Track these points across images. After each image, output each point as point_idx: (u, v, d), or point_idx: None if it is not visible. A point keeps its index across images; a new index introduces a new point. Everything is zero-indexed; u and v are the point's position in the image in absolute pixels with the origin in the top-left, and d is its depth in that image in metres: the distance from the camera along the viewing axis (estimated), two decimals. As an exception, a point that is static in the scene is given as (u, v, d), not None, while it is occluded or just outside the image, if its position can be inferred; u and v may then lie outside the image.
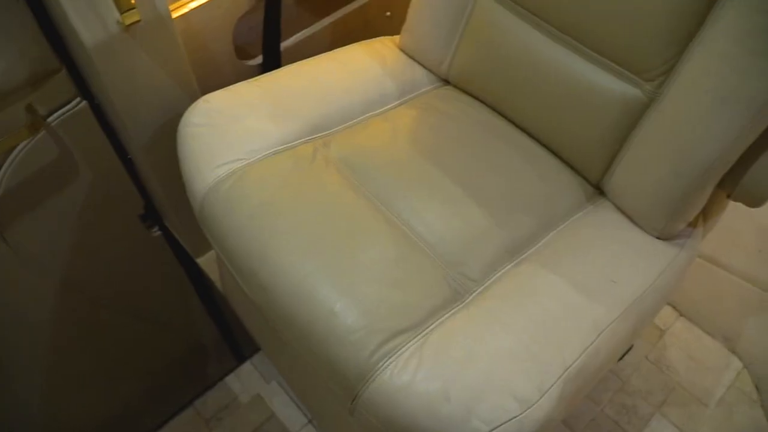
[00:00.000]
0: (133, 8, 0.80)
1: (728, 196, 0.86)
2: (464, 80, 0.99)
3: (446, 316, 0.72)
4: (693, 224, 0.87)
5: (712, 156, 0.74)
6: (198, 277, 1.33)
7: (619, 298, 0.76)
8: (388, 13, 1.29)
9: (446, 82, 1.04)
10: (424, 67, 1.03)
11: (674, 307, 1.23)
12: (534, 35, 0.86)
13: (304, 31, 1.18)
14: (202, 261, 1.20)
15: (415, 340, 0.69)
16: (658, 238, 0.84)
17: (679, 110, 0.76)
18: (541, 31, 0.86)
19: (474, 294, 0.75)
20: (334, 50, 1.04)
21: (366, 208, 0.80)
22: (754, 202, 0.83)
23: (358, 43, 1.06)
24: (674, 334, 1.20)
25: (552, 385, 0.67)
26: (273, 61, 1.09)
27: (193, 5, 0.96)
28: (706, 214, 0.89)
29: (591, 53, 0.82)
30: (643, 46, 0.76)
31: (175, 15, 0.93)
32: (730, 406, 1.14)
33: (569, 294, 0.74)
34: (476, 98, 0.99)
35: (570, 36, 0.83)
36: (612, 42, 0.79)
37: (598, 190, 0.90)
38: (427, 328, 0.70)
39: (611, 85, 0.81)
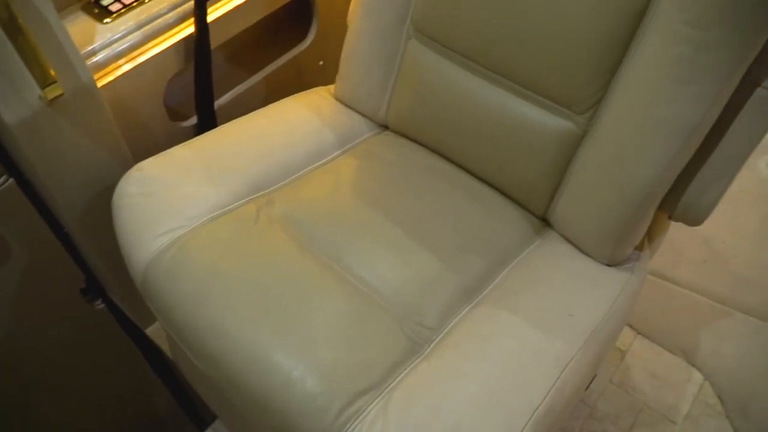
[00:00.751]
0: (55, 82, 0.78)
1: (669, 217, 0.87)
2: (402, 125, 1.00)
3: (407, 370, 0.70)
4: (639, 247, 0.89)
5: (648, 181, 0.76)
6: (148, 347, 1.28)
7: (578, 331, 0.76)
8: (321, 62, 1.29)
9: (385, 127, 1.04)
10: (362, 114, 1.03)
11: (631, 327, 1.25)
12: (464, 76, 0.87)
13: (237, 88, 1.16)
14: (150, 331, 1.15)
15: (378, 400, 0.66)
16: (608, 265, 0.85)
17: (613, 139, 0.78)
18: (471, 72, 0.87)
19: (433, 343, 0.74)
20: (270, 105, 1.03)
21: (315, 265, 0.78)
22: (693, 221, 0.85)
23: (293, 96, 1.05)
24: (635, 353, 1.21)
25: (522, 430, 0.65)
26: (208, 120, 1.07)
27: (119, 72, 0.93)
28: (651, 236, 0.91)
29: (522, 90, 0.83)
30: (571, 80, 0.78)
31: (100, 84, 0.91)
32: (697, 419, 1.15)
33: (528, 332, 0.74)
34: (416, 141, 0.99)
35: (500, 75, 0.84)
36: (540, 78, 0.80)
37: (544, 222, 0.91)
38: (388, 385, 0.68)
39: (545, 120, 0.82)
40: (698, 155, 0.78)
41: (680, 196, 0.83)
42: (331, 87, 1.07)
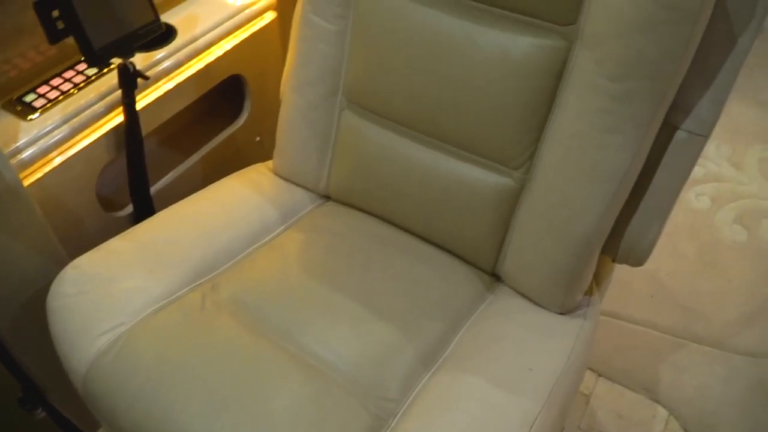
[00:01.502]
0: (-24, 186, 0.74)
1: (613, 260, 0.89)
2: (344, 194, 1.00)
3: (373, 449, 0.67)
4: (589, 292, 0.90)
5: (588, 229, 0.78)
6: (98, 453, 1.19)
7: (541, 385, 0.75)
8: (258, 138, 1.29)
9: (328, 198, 1.04)
10: (303, 187, 1.03)
11: (593, 370, 1.25)
12: (400, 142, 0.89)
13: (173, 172, 1.15)
14: (98, 436, 1.08)
15: (346, 485, 0.63)
16: (561, 313, 0.86)
17: (550, 191, 0.80)
18: (406, 137, 0.88)
19: (397, 416, 0.72)
20: (209, 186, 1.01)
21: (268, 348, 0.75)
22: (636, 262, 0.87)
23: (231, 175, 1.04)
24: (599, 396, 1.21)
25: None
26: (144, 208, 1.05)
27: (47, 169, 0.90)
28: (598, 279, 0.92)
29: (458, 151, 0.85)
30: (502, 138, 0.80)
31: (28, 182, 0.88)
32: (667, 456, 1.15)
33: (491, 393, 0.73)
34: (360, 209, 0.99)
35: (434, 138, 0.86)
36: (474, 139, 0.82)
37: (495, 277, 0.91)
38: (356, 468, 0.65)
39: (483, 178, 0.84)
40: (632, 198, 0.81)
41: (620, 239, 0.85)
42: (270, 162, 1.06)
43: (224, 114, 1.28)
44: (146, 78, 0.96)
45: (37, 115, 0.92)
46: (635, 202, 0.82)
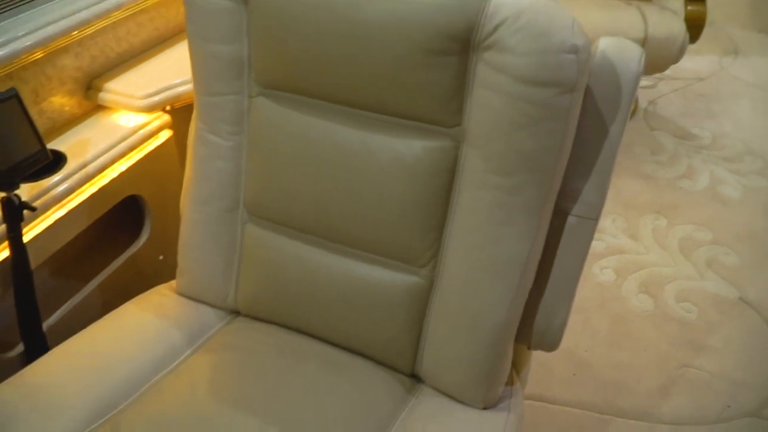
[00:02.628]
0: None
1: (528, 347, 0.90)
2: (254, 307, 0.96)
3: None
4: (510, 382, 0.89)
5: (498, 321, 0.79)
6: None
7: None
8: (161, 257, 1.25)
9: (237, 313, 1.00)
10: (210, 305, 0.99)
11: (527, 457, 1.23)
12: (306, 250, 0.88)
13: (69, 303, 1.08)
14: None
15: None
16: (484, 408, 0.84)
17: (457, 286, 0.80)
18: (312, 245, 0.87)
19: None
20: (107, 315, 0.95)
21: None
22: (550, 346, 0.88)
23: (131, 301, 0.98)
24: (535, 485, 1.19)
25: None
26: (37, 346, 0.97)
27: None
28: (517, 368, 0.92)
29: (364, 254, 0.84)
30: (406, 239, 0.81)
31: None
32: None
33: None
34: (271, 322, 0.95)
35: (339, 243, 0.86)
36: (377, 241, 0.83)
37: (415, 378, 0.89)
38: None
39: (391, 278, 0.84)
40: (537, 284, 0.82)
41: (532, 325, 0.86)
42: (173, 283, 1.02)
43: (123, 235, 1.23)
44: (33, 209, 0.91)
45: None
46: (540, 288, 0.84)
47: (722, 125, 2.28)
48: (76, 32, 1.06)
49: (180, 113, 1.17)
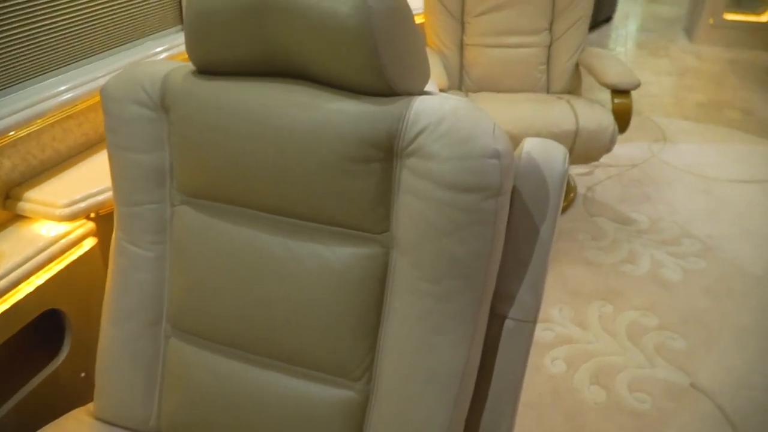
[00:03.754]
0: None
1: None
2: (178, 430, 0.88)
3: None
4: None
5: (441, 430, 0.73)
6: None
7: None
8: (83, 374, 1.16)
9: (161, 436, 0.91)
10: (130, 430, 0.90)
11: None
12: (232, 365, 0.82)
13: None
14: None
15: None
16: None
17: (394, 399, 0.75)
18: (238, 359, 0.82)
19: None
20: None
21: None
22: (498, 457, 0.83)
23: (45, 429, 0.89)
24: None
25: None
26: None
27: None
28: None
29: (293, 368, 0.79)
30: (337, 350, 0.76)
31: None
32: None
33: None
34: (198, 445, 0.88)
35: (268, 357, 0.80)
36: (308, 353, 0.78)
37: (355, 502, 0.82)
38: None
39: (322, 394, 0.78)
40: (478, 393, 0.78)
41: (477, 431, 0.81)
42: (90, 406, 0.93)
43: (42, 351, 1.14)
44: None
45: None
46: (482, 396, 0.80)
47: (658, 209, 2.35)
48: (-7, 142, 1.03)
49: (106, 220, 1.13)
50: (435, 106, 0.68)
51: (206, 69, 0.77)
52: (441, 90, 2.05)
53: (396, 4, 0.67)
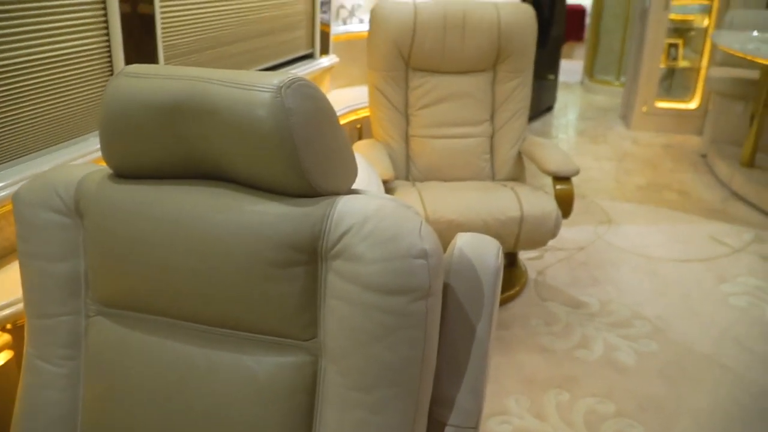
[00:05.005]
0: None
1: None
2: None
3: None
4: None
5: None
6: None
7: None
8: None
9: None
10: None
11: None
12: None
13: None
14: None
15: None
16: None
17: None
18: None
19: None
20: None
21: None
22: None
23: None
24: None
25: None
26: None
27: None
28: None
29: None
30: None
31: None
32: None
33: None
34: None
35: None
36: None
37: None
38: None
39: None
40: None
41: None
42: None
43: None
44: None
45: None
46: None
47: (608, 291, 2.37)
48: None
49: (23, 332, 1.05)
50: (359, 206, 0.67)
51: (123, 172, 0.74)
52: (387, 181, 2.07)
53: (316, 105, 0.66)
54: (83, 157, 1.33)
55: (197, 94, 0.66)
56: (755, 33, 3.45)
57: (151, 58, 1.56)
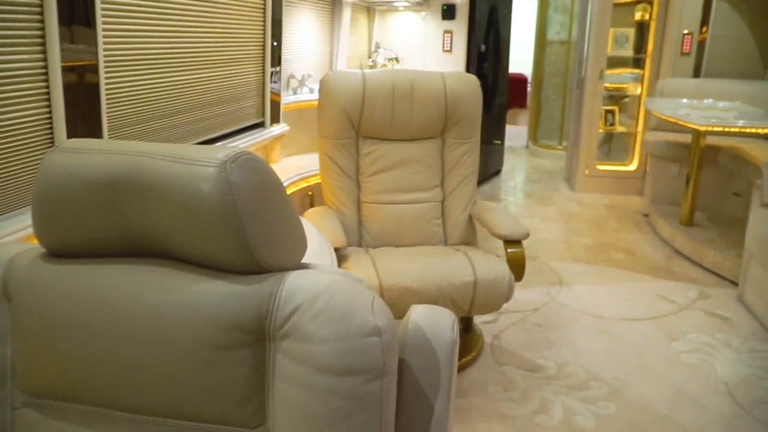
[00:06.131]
0: None
1: None
2: None
3: None
4: None
5: None
6: None
7: None
8: None
9: None
10: None
11: None
12: None
13: None
14: None
15: None
16: None
17: None
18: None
19: None
20: None
21: None
22: None
23: None
24: None
25: None
26: None
27: None
28: None
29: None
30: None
31: None
32: None
33: None
34: None
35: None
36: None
37: None
38: None
39: None
40: None
41: None
42: None
43: None
44: None
45: None
46: None
47: (563, 353, 2.36)
48: None
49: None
50: (309, 282, 0.64)
51: (56, 251, 0.69)
52: (339, 249, 2.05)
53: (262, 178, 0.64)
54: (18, 233, 1.26)
55: (138, 169, 0.64)
56: (684, 100, 3.67)
57: (94, 129, 1.53)
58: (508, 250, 2.11)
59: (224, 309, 0.62)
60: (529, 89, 7.01)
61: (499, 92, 4.96)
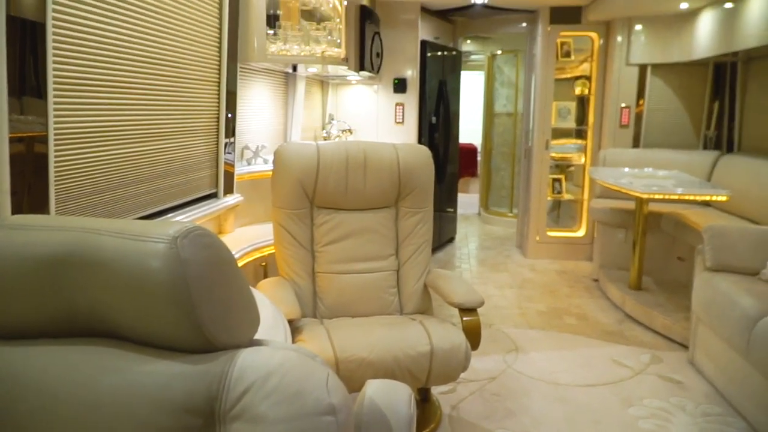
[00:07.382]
0: None
1: None
2: None
3: None
4: None
5: None
6: None
7: None
8: None
9: None
10: None
11: None
12: None
13: None
14: None
15: None
16: None
17: None
18: None
19: None
20: None
21: None
22: None
23: None
24: None
25: None
26: None
27: None
28: None
29: None
30: None
31: None
32: None
33: None
34: None
35: None
36: None
37: None
38: None
39: None
40: None
41: None
42: None
43: None
44: None
45: None
46: None
47: (522, 423, 2.34)
48: None
49: None
50: (261, 360, 0.62)
51: (-6, 334, 0.66)
52: (293, 320, 2.01)
53: (214, 254, 0.63)
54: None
55: (85, 246, 0.62)
56: (626, 169, 3.84)
57: (42, 201, 1.49)
58: (464, 319, 2.11)
59: (172, 391, 0.60)
60: (479, 159, 7.23)
61: (451, 162, 5.09)
